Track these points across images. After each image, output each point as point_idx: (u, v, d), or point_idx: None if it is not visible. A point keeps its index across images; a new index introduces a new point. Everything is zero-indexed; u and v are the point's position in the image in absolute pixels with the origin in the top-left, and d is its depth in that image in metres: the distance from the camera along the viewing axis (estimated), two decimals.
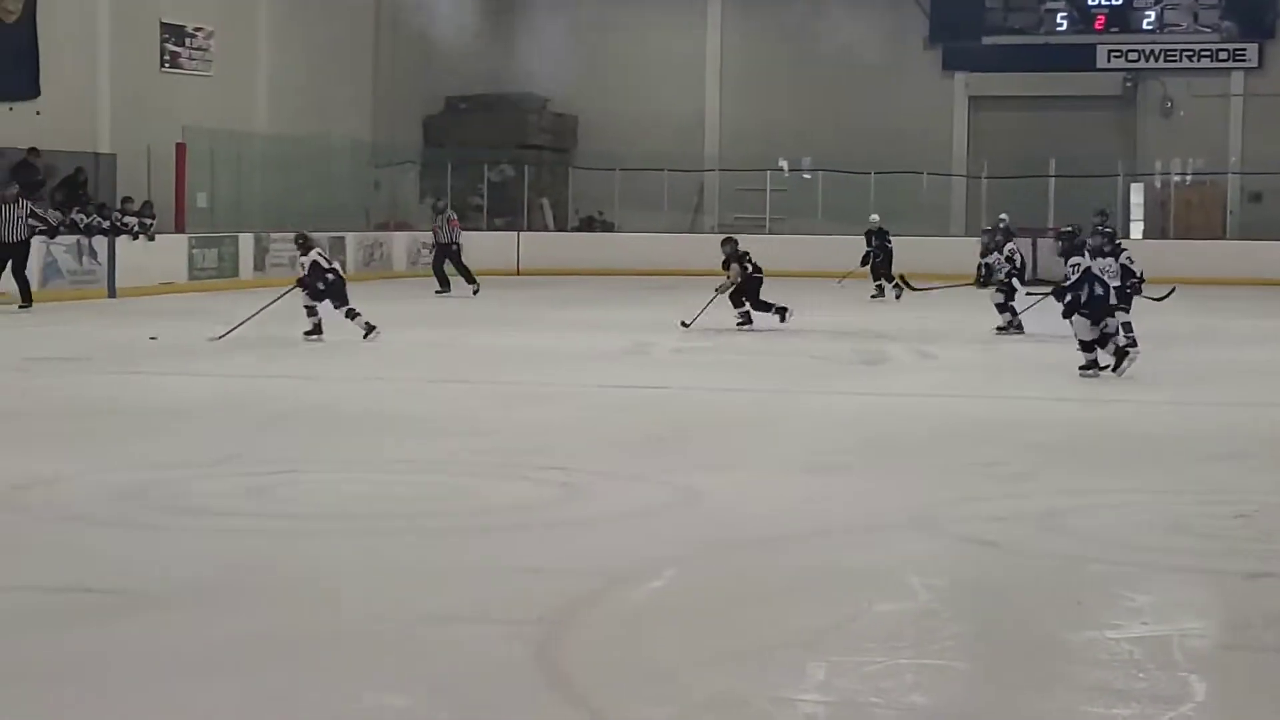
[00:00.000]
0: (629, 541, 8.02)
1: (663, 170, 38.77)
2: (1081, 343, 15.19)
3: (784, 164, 38.94)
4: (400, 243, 36.12)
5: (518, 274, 35.62)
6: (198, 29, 32.98)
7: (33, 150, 27.16)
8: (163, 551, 7.73)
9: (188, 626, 6.35)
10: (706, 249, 33.36)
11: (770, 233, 37.63)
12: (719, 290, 20.92)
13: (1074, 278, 15.12)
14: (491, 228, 38.20)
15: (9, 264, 22.73)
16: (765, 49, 40.53)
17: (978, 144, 39.48)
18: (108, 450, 10.67)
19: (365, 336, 18.06)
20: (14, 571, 7.28)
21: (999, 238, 21.47)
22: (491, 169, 39.30)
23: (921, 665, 5.97)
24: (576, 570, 7.31)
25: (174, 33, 32.36)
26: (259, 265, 30.57)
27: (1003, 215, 27.15)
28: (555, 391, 14.44)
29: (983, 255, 21.24)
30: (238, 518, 8.55)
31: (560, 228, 39.57)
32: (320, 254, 18.62)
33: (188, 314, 22.69)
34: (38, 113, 28.16)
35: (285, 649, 6.07)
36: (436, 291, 28.12)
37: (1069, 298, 15.08)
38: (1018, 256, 21.02)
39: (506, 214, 38.90)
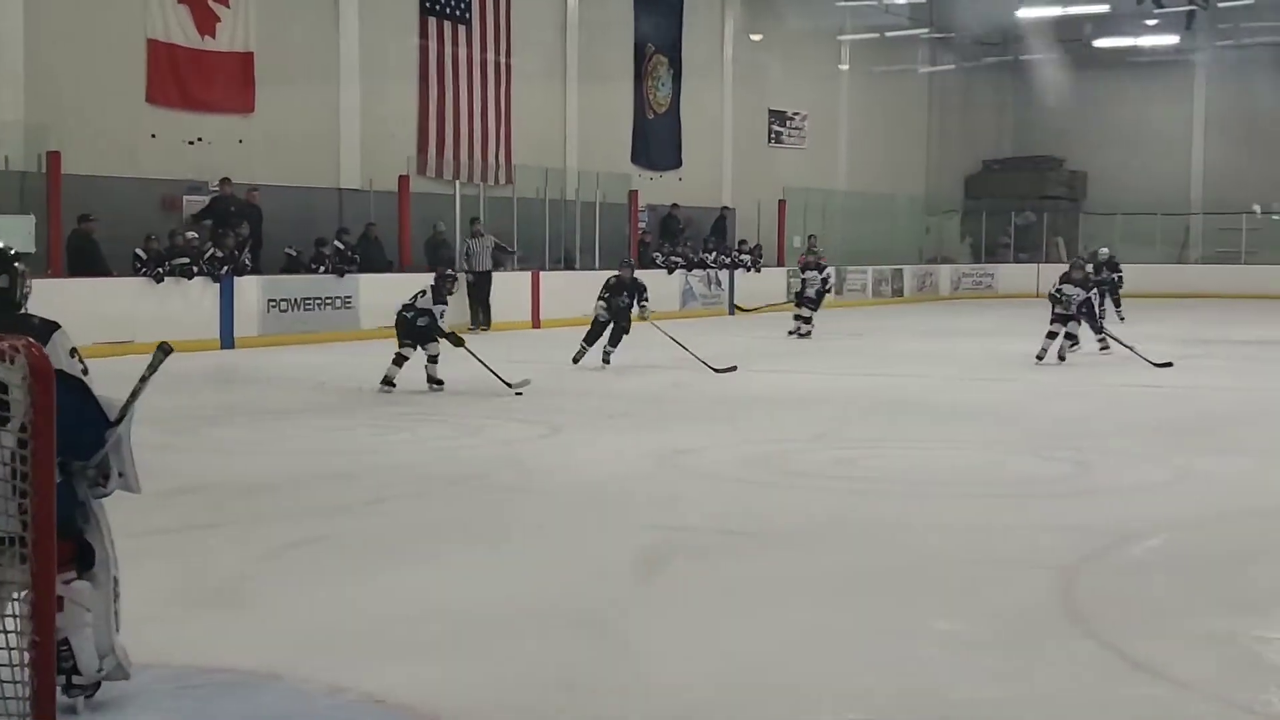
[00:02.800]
0: (1132, 509, 7.78)
1: (1155, 214, 37.21)
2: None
3: (1257, 207, 36.71)
4: (945, 273, 35.83)
5: (1037, 296, 34.72)
6: (795, 113, 33.53)
7: (675, 206, 28.15)
8: (778, 503, 7.95)
9: (803, 560, 6.51)
10: (1190, 276, 31.66)
11: (1245, 264, 35.87)
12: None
13: None
14: (1017, 261, 37.48)
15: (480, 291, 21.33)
16: (1242, 112, 38.28)
17: None
18: (735, 427, 11.00)
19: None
20: (673, 515, 7.59)
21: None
22: (1017, 215, 38.52)
23: None
24: (1088, 529, 7.16)
25: (778, 117, 33.01)
26: (838, 290, 30.86)
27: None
28: (1078, 389, 14.10)
29: None
30: (830, 480, 8.69)
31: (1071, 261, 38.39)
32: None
33: (787, 326, 23.15)
34: (680, 179, 29.18)
35: (871, 580, 6.18)
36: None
37: None
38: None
39: (1029, 250, 38.08)
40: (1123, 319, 23.20)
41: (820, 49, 34.27)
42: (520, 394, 12.74)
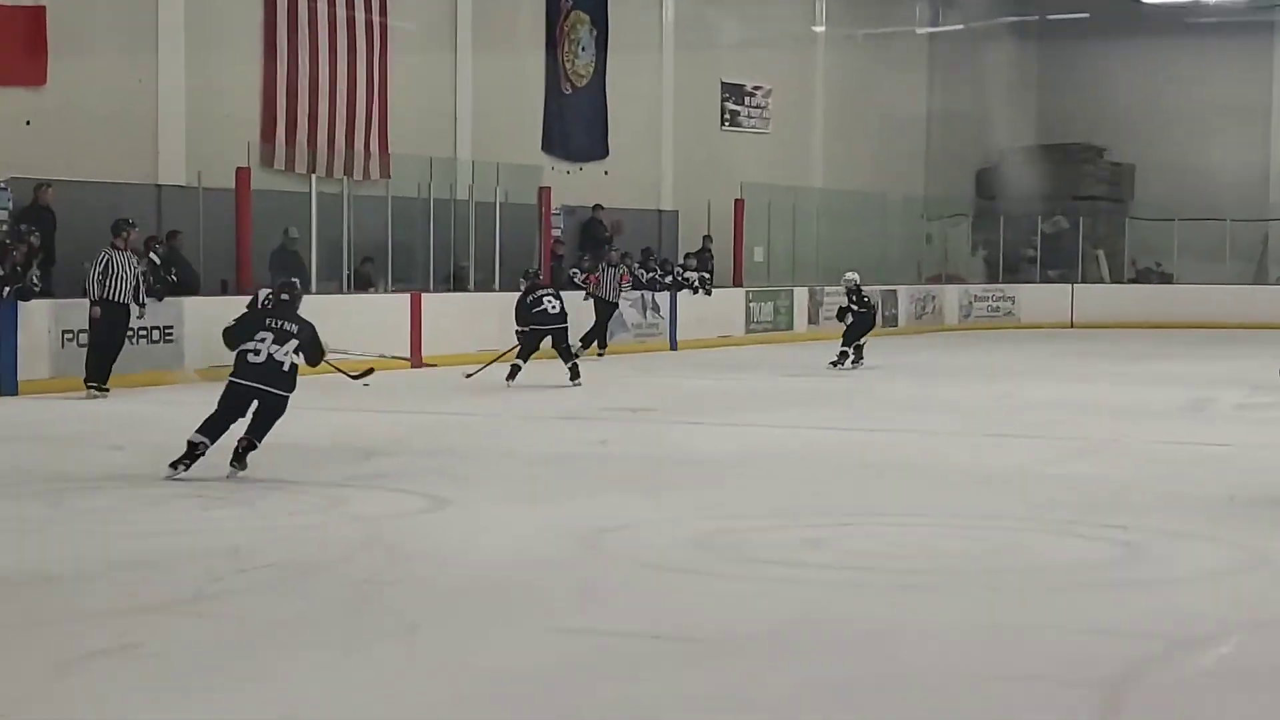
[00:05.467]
0: (1194, 604, 7.79)
1: (1224, 220, 37.59)
2: None
3: None
4: (952, 295, 36.05)
5: (1071, 326, 35.13)
6: (756, 88, 33.71)
7: (598, 207, 28.14)
8: (728, 599, 7.89)
9: (760, 674, 6.45)
10: (1272, 300, 32.07)
11: None
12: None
13: None
14: (1044, 280, 37.82)
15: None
16: None
17: None
18: (676, 499, 10.94)
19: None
20: (591, 614, 7.52)
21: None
22: (1045, 220, 38.84)
23: None
24: (1139, 633, 7.15)
25: (734, 92, 33.16)
26: (813, 319, 30.96)
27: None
28: (1112, 446, 14.15)
29: None
30: (797, 568, 8.66)
31: (1116, 279, 38.77)
32: None
33: (744, 367, 23.19)
34: (605, 172, 29.23)
35: (851, 698, 6.13)
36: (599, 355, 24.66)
37: None
38: None
39: (1060, 266, 38.37)
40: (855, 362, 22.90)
41: (789, 7, 34.52)
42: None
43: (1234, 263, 38.00)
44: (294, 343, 11.61)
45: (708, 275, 28.34)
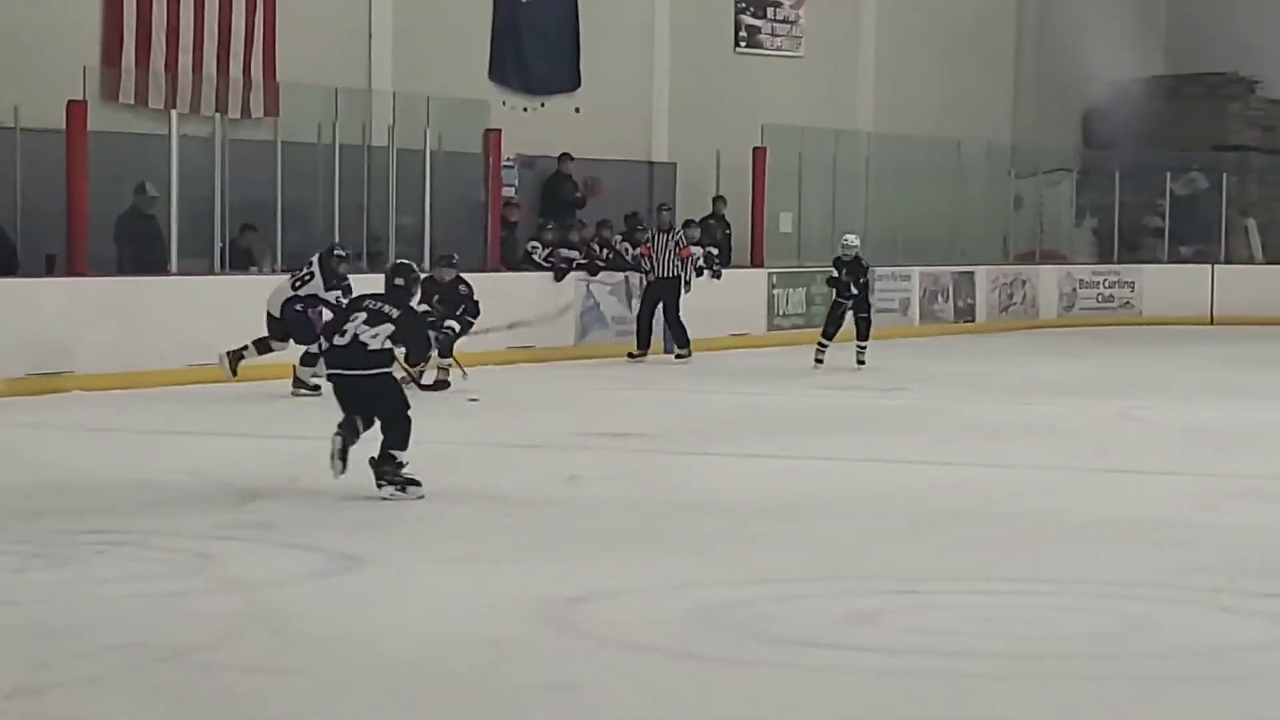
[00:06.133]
0: None
1: None
2: None
3: None
4: (1049, 279, 36.04)
5: (1211, 323, 35.14)
6: None
7: (565, 157, 28.02)
8: (748, 697, 7.83)
9: None
10: None
11: None
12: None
13: None
14: (1175, 259, 37.80)
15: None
16: None
17: None
18: (680, 557, 10.92)
19: None
20: (564, 712, 7.49)
21: None
22: (1176, 178, 38.85)
23: None
24: None
25: (752, 2, 33.07)
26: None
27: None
28: (1272, 487, 14.11)
29: None
30: (842, 652, 8.60)
31: (1272, 259, 38.78)
32: None
33: (766, 376, 23.15)
34: (576, 110, 29.16)
35: None
36: (630, 355, 25.83)
37: None
38: None
39: (1196, 240, 38.42)
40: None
41: None
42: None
43: None
44: (388, 327, 12.79)
45: (716, 252, 28.21)
